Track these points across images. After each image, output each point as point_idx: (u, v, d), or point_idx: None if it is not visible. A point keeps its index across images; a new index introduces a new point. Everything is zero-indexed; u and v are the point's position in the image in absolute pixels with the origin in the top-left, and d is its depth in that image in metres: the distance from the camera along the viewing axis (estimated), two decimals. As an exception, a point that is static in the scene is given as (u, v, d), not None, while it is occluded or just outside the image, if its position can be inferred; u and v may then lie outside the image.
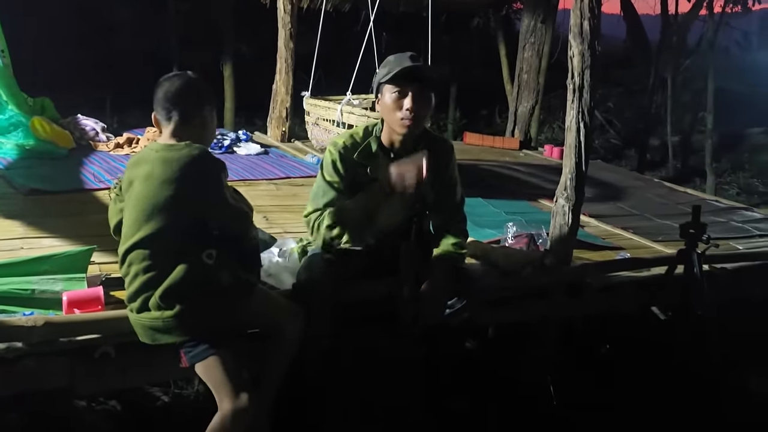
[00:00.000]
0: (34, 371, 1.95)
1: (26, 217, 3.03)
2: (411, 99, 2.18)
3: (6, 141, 4.17)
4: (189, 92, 2.01)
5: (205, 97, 2.05)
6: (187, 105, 2.00)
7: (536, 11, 6.59)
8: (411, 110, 2.18)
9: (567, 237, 2.91)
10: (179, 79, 2.02)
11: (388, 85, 2.21)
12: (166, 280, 1.88)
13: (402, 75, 2.17)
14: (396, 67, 2.19)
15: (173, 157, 1.91)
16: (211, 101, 2.07)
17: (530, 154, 6.37)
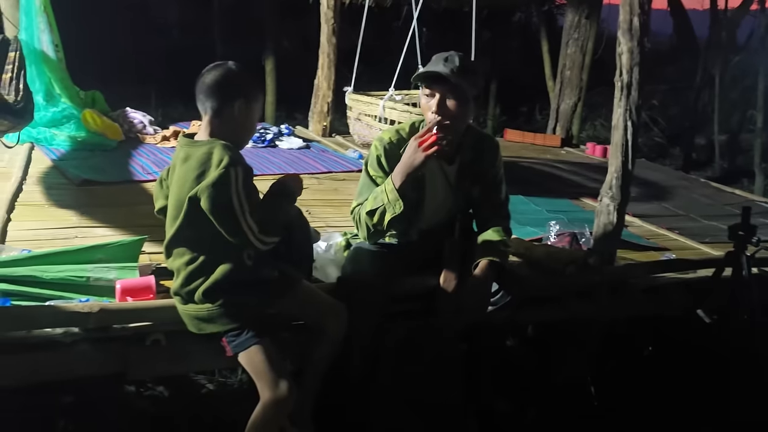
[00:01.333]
0: (89, 356, 2.02)
1: (79, 207, 3.14)
2: (436, 102, 2.19)
3: (59, 133, 4.31)
4: (220, 84, 1.91)
5: (238, 89, 1.93)
6: (218, 97, 1.91)
7: (581, 6, 6.48)
8: (436, 113, 2.19)
9: (611, 237, 2.87)
10: (215, 69, 1.93)
11: (422, 85, 2.23)
12: (208, 280, 1.92)
13: (430, 77, 2.19)
14: (426, 69, 2.21)
15: (192, 154, 1.88)
16: (246, 94, 1.95)
17: (572, 152, 6.28)
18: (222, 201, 1.83)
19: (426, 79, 2.21)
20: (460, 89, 2.18)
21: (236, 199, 1.84)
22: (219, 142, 1.90)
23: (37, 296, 2.14)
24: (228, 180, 1.83)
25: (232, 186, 1.84)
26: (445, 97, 2.19)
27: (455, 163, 2.35)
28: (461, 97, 2.20)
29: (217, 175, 1.83)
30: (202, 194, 1.83)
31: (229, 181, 1.83)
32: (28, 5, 4.39)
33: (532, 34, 9.54)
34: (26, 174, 3.63)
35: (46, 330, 1.99)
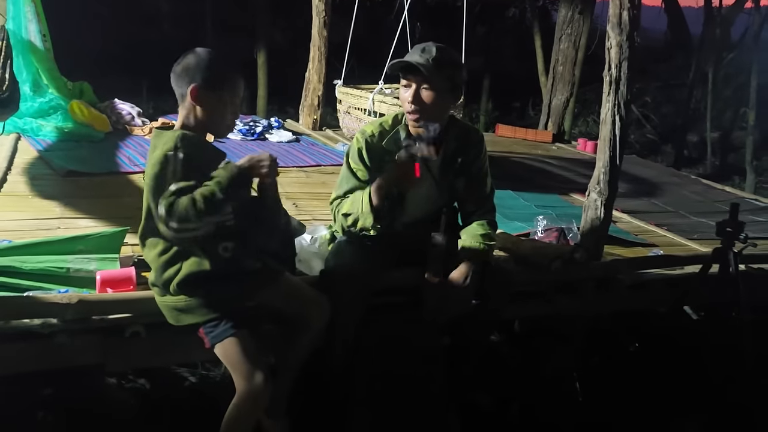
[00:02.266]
0: (67, 348, 1.99)
1: (63, 198, 3.11)
2: (412, 92, 2.18)
3: (46, 123, 4.26)
4: (182, 70, 1.86)
5: (197, 74, 1.84)
6: (179, 84, 1.86)
7: (574, 2, 6.47)
8: (411, 102, 2.18)
9: (598, 232, 2.87)
10: (182, 56, 1.88)
11: (401, 77, 2.22)
12: (181, 271, 1.89)
13: (405, 68, 2.17)
14: (406, 58, 2.19)
15: (155, 144, 1.84)
16: (207, 79, 1.84)
17: (563, 148, 6.28)
18: (149, 185, 1.79)
19: (402, 69, 2.19)
20: (436, 80, 2.16)
21: (155, 182, 1.78)
22: (178, 131, 1.85)
23: (16, 287, 2.12)
24: (158, 165, 1.77)
25: (159, 171, 1.77)
26: (420, 88, 2.17)
27: (438, 155, 2.33)
28: (437, 87, 2.18)
29: (151, 161, 1.81)
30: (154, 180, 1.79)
31: (159, 166, 1.77)
32: (15, -6, 4.34)
33: (526, 30, 9.51)
34: (11, 164, 3.59)
35: (24, 321, 1.96)
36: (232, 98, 1.91)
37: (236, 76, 1.93)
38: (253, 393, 1.90)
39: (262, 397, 1.92)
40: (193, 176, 1.78)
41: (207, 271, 1.89)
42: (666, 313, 3.16)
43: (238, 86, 1.93)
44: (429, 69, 2.14)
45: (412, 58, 2.17)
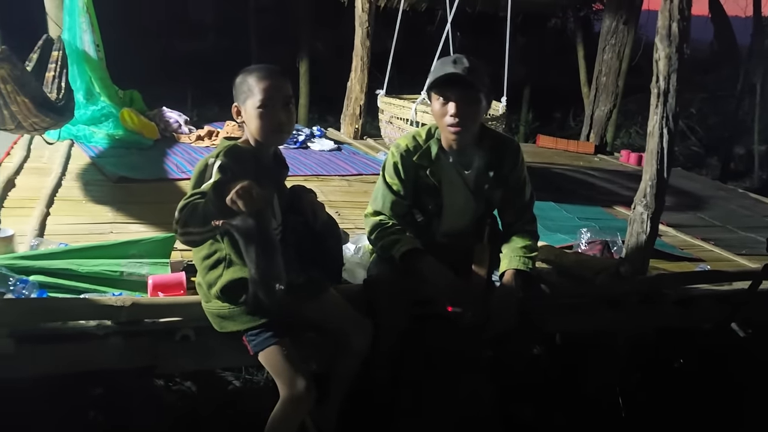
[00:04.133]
0: (120, 349, 2.06)
1: (115, 204, 3.21)
2: (455, 106, 2.16)
3: (97, 130, 4.42)
4: (233, 89, 1.97)
5: (238, 91, 1.95)
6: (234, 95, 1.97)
7: (618, 12, 6.39)
8: (455, 116, 2.16)
9: (644, 246, 2.82)
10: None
11: (434, 92, 2.20)
12: (222, 278, 1.93)
13: (444, 81, 2.16)
14: (438, 73, 2.17)
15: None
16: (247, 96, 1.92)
17: (605, 159, 6.20)
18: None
19: (440, 84, 2.17)
20: (474, 90, 2.16)
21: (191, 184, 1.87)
22: (229, 144, 1.93)
23: (72, 289, 2.20)
24: (196, 171, 1.87)
25: (195, 175, 1.87)
26: (460, 100, 2.16)
27: (473, 167, 2.32)
28: (476, 98, 2.18)
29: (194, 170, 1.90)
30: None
31: (196, 172, 1.87)
32: (72, 6, 4.51)
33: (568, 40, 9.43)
34: (65, 170, 3.73)
35: (80, 322, 2.04)
36: (265, 105, 1.91)
37: (266, 84, 1.91)
38: (295, 399, 1.94)
39: (305, 402, 1.96)
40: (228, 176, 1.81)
41: (247, 280, 1.91)
42: (712, 329, 3.10)
43: (271, 92, 1.92)
44: (469, 79, 2.14)
45: (447, 71, 2.15)
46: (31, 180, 3.47)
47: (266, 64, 2.00)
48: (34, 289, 2.11)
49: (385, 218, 2.30)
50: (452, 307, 2.26)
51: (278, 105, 1.93)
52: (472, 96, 2.16)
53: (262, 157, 2.01)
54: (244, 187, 1.67)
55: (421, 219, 2.37)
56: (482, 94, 2.19)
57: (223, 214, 1.71)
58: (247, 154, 1.94)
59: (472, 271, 2.36)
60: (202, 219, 1.73)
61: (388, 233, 2.26)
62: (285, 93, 1.96)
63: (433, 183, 2.29)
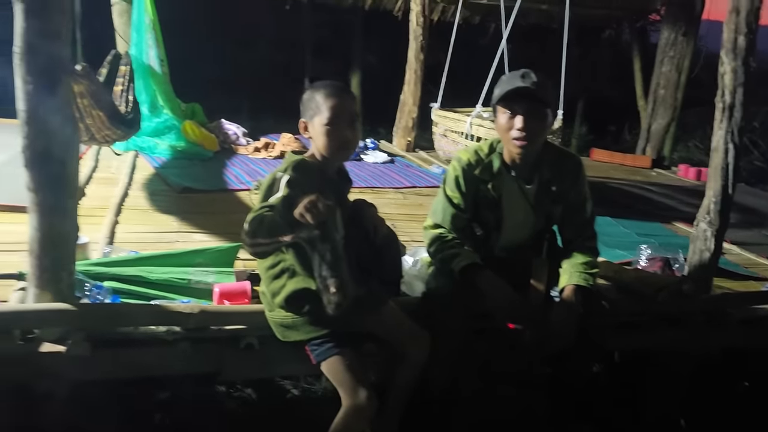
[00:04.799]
0: (188, 355, 2.13)
1: (179, 213, 3.33)
2: (522, 120, 2.16)
3: (161, 142, 4.59)
4: (303, 100, 2.03)
5: (304, 107, 2.02)
6: (302, 111, 2.03)
7: (678, 23, 6.26)
8: (522, 130, 2.16)
9: (708, 264, 2.75)
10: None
11: (500, 105, 2.21)
12: (285, 288, 1.98)
13: (512, 95, 2.16)
14: (506, 87, 2.17)
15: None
16: (313, 113, 1.98)
17: (663, 174, 6.06)
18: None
19: (507, 97, 2.18)
20: (542, 104, 2.17)
21: (259, 197, 1.91)
22: (297, 158, 1.98)
23: (143, 295, 2.30)
24: (265, 183, 1.91)
25: (261, 190, 1.92)
26: (529, 114, 2.16)
27: (534, 182, 2.32)
28: (543, 112, 2.18)
29: (261, 182, 1.95)
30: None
31: (265, 184, 1.91)
32: (139, 22, 4.71)
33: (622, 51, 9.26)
34: (131, 180, 3.89)
35: (150, 327, 2.12)
36: (331, 124, 1.96)
37: (333, 103, 1.96)
38: (357, 409, 1.96)
39: (367, 412, 1.98)
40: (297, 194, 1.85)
41: (311, 291, 1.96)
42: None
43: (337, 111, 1.96)
44: (537, 94, 2.15)
45: (515, 84, 2.16)
46: (101, 189, 3.63)
47: (334, 81, 2.04)
48: (108, 295, 2.21)
49: (444, 231, 2.31)
50: (513, 324, 2.25)
51: (344, 123, 1.98)
52: (539, 110, 2.17)
53: (327, 171, 2.06)
54: (311, 200, 1.72)
55: (480, 233, 2.37)
56: (549, 109, 2.19)
57: (291, 227, 1.77)
58: (313, 168, 2.00)
59: (530, 286, 2.35)
60: (270, 231, 1.78)
61: (448, 246, 2.27)
62: (351, 111, 2.00)
63: (494, 197, 2.30)
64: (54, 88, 1.87)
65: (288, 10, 6.49)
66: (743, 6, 2.59)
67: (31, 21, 1.80)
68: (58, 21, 1.86)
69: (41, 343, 2.02)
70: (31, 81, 1.83)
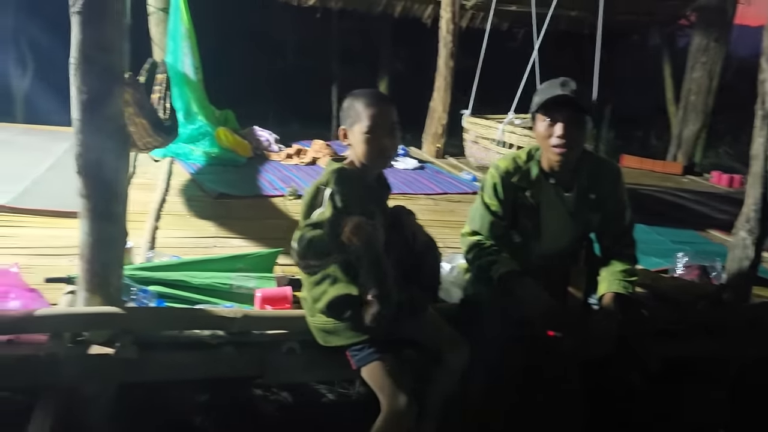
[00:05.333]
0: (232, 359, 2.17)
1: (217, 219, 3.38)
2: (562, 127, 2.17)
3: (195, 148, 4.67)
4: (343, 107, 2.05)
5: (344, 115, 2.04)
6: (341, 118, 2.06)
7: (709, 29, 6.19)
8: (562, 137, 2.17)
9: (747, 272, 2.73)
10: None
11: (540, 113, 2.22)
12: (327, 294, 2.00)
13: (553, 103, 2.17)
14: (547, 95, 2.18)
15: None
16: (353, 120, 2.00)
17: (695, 180, 5.99)
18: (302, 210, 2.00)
19: (551, 105, 2.19)
20: (583, 112, 2.18)
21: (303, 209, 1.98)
22: (337, 166, 2.02)
23: (186, 299, 2.35)
24: (308, 196, 1.98)
25: (308, 200, 1.98)
26: (570, 121, 2.17)
27: (573, 190, 2.32)
28: (582, 120, 2.20)
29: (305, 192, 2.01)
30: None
31: (308, 196, 1.98)
32: (175, 31, 4.81)
33: (650, 57, 9.17)
34: (168, 186, 3.96)
35: (194, 331, 2.16)
36: (372, 132, 1.98)
37: (374, 111, 1.98)
38: (397, 414, 1.97)
39: (406, 418, 1.99)
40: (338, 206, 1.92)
41: (352, 296, 1.99)
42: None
43: (379, 120, 1.99)
44: (578, 102, 2.16)
45: (556, 93, 2.18)
46: (140, 195, 3.69)
47: (374, 90, 2.09)
48: (154, 299, 2.27)
49: (482, 238, 2.33)
50: (552, 332, 2.25)
51: (384, 131, 2.00)
52: (579, 118, 2.18)
53: (366, 179, 2.09)
54: (356, 223, 1.84)
55: (518, 240, 2.38)
56: (588, 116, 2.20)
57: (339, 248, 1.86)
58: (353, 177, 2.03)
59: (568, 294, 2.35)
60: (319, 252, 1.91)
61: (486, 254, 2.28)
62: (391, 119, 2.02)
63: (532, 204, 2.31)
64: (107, 98, 1.93)
65: (318, 17, 6.54)
66: (784, 12, 2.57)
67: (87, 32, 1.86)
68: (111, 32, 1.93)
69: (90, 345, 2.08)
70: (86, 91, 1.89)
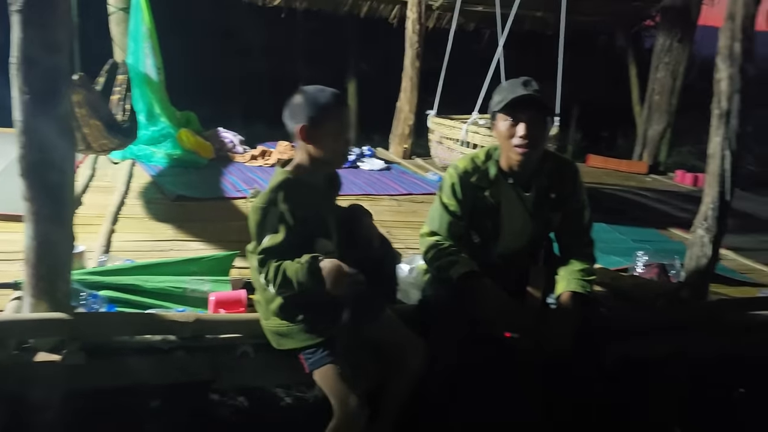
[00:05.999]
0: (184, 364, 2.12)
1: (175, 221, 3.32)
2: (524, 127, 2.17)
3: (157, 150, 4.58)
4: (291, 110, 1.96)
5: (298, 114, 1.94)
6: (290, 123, 1.96)
7: (673, 30, 6.28)
8: (525, 137, 2.17)
9: (705, 270, 2.75)
10: (292, 96, 1.98)
11: (502, 113, 2.21)
12: (279, 298, 1.98)
13: (514, 103, 2.17)
14: (509, 95, 2.18)
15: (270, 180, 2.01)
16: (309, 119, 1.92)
17: (659, 179, 6.08)
18: (250, 226, 1.97)
19: (510, 105, 2.19)
20: (543, 112, 2.19)
21: (253, 228, 1.94)
22: (284, 175, 1.96)
23: (138, 304, 2.29)
24: (256, 214, 1.93)
25: (255, 222, 1.94)
26: (533, 121, 2.17)
27: (532, 189, 2.32)
28: (544, 120, 2.20)
29: (253, 207, 1.96)
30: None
31: (256, 215, 1.93)
32: (136, 32, 4.71)
33: (616, 57, 9.30)
34: (128, 189, 3.88)
35: (146, 336, 2.11)
36: (339, 131, 1.97)
37: (340, 110, 1.98)
38: (348, 418, 1.95)
39: (358, 422, 1.96)
40: (289, 224, 1.90)
41: (308, 299, 1.96)
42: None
43: (344, 119, 1.98)
44: (542, 102, 2.17)
45: (518, 92, 2.18)
46: (97, 198, 3.62)
47: (332, 89, 2.00)
48: (104, 304, 2.21)
49: (441, 239, 2.31)
50: (510, 333, 2.25)
51: (348, 129, 2.01)
52: (541, 118, 2.19)
53: (317, 182, 2.03)
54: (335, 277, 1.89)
55: (477, 240, 2.37)
56: (548, 116, 2.21)
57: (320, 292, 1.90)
58: (302, 186, 1.97)
59: (527, 293, 2.35)
60: (298, 289, 1.90)
61: (445, 254, 2.27)
62: (349, 118, 2.04)
63: (492, 204, 2.30)
64: (52, 99, 1.87)
65: (283, 18, 6.49)
66: (739, 12, 2.60)
67: (29, 32, 1.80)
68: (56, 32, 1.86)
69: (36, 352, 2.01)
70: (28, 92, 1.83)
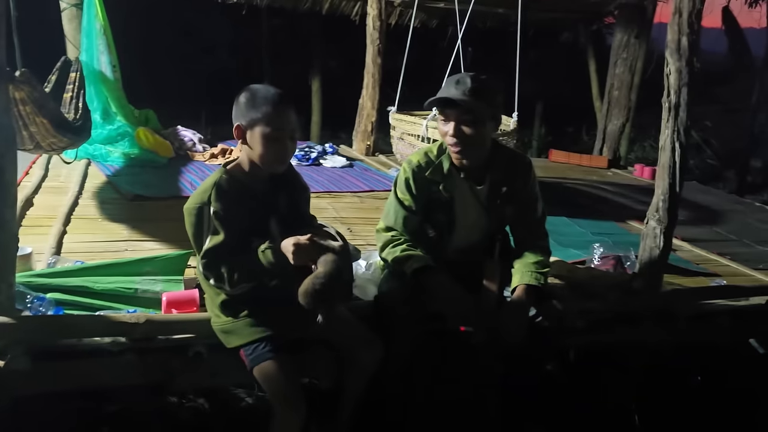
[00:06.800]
0: (134, 366, 2.07)
1: (130, 221, 3.25)
2: (453, 126, 2.17)
3: (114, 149, 4.49)
4: (234, 108, 1.91)
5: (240, 112, 1.89)
6: (233, 119, 1.92)
7: (630, 26, 6.40)
8: (453, 136, 2.17)
9: (657, 261, 2.80)
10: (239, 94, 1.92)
11: (438, 110, 2.22)
12: (221, 294, 1.96)
13: (442, 102, 2.17)
14: (439, 94, 2.18)
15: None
16: (249, 117, 1.87)
17: (619, 174, 6.17)
18: (188, 229, 1.97)
19: (439, 104, 2.19)
20: (474, 112, 2.15)
21: (192, 237, 1.95)
22: (222, 174, 1.92)
23: (88, 306, 2.24)
24: (192, 217, 1.93)
25: (192, 224, 1.94)
26: (460, 121, 2.16)
27: (485, 183, 2.33)
28: (476, 119, 2.17)
29: (186, 208, 1.95)
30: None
31: (192, 217, 1.93)
32: (89, 28, 4.60)
33: (579, 54, 9.44)
34: (82, 189, 3.79)
35: (95, 339, 2.06)
36: (277, 134, 1.88)
37: (281, 113, 1.88)
38: (287, 417, 1.91)
39: (296, 421, 1.91)
40: (226, 223, 1.88)
41: (248, 295, 1.94)
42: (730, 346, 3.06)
43: (285, 122, 1.89)
44: (466, 102, 2.12)
45: (448, 92, 2.15)
46: (49, 199, 3.53)
47: (274, 87, 1.93)
48: (51, 307, 2.15)
49: (396, 234, 2.31)
50: (464, 327, 2.26)
51: (288, 134, 1.91)
52: (470, 118, 2.16)
53: (255, 182, 1.98)
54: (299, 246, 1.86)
55: (432, 234, 2.37)
56: (484, 115, 2.18)
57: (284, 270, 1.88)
58: (236, 184, 1.93)
59: (482, 287, 2.36)
60: (257, 278, 1.90)
61: (400, 249, 2.27)
62: (293, 122, 1.93)
63: (446, 198, 2.30)
64: (-15, 95, 1.80)
65: (245, 14, 6.42)
66: (685, 7, 2.65)
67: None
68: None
69: (-22, 358, 1.95)
70: (-40, 87, 1.77)
